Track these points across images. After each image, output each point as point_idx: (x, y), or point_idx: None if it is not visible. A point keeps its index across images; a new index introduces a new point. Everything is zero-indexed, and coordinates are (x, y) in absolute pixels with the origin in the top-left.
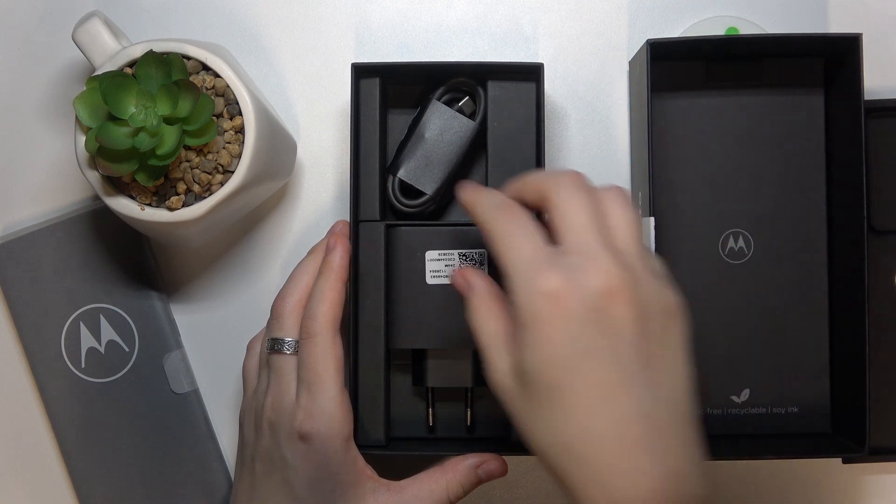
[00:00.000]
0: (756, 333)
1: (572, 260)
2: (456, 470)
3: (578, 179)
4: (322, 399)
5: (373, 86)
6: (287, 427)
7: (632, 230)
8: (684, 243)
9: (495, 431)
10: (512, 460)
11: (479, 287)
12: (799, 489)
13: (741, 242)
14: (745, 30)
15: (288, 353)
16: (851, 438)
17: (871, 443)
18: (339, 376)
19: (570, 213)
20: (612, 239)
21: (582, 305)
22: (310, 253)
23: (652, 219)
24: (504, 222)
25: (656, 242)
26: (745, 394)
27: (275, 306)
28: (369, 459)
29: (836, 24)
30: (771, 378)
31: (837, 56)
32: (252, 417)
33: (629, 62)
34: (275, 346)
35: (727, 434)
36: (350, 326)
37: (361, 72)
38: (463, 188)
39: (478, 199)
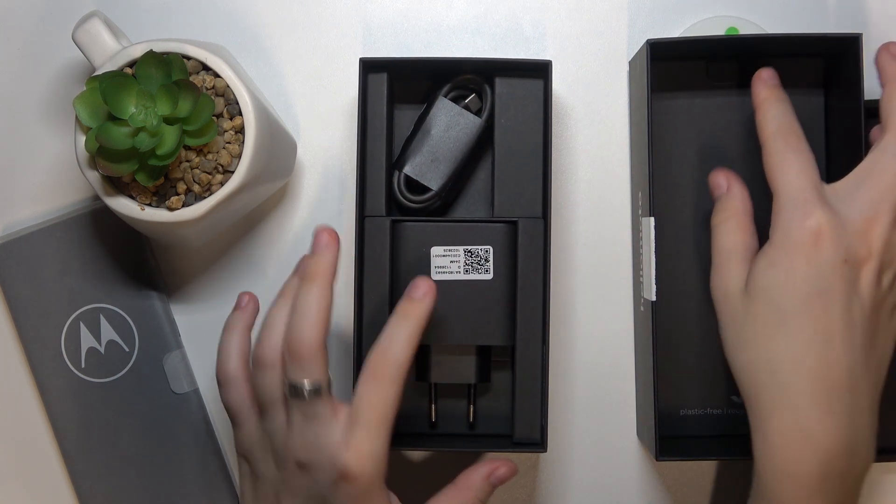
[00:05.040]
0: None
1: (844, 208)
2: (470, 486)
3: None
4: (366, 440)
5: (380, 81)
6: (328, 467)
7: None
8: (684, 243)
9: (497, 428)
10: (511, 459)
11: (737, 196)
12: None
13: None
14: (745, 30)
15: (318, 396)
16: None
17: (891, 443)
18: (385, 419)
19: (892, 171)
20: None
21: (836, 253)
22: (311, 280)
23: (652, 219)
24: (783, 149)
25: (656, 242)
26: None
27: (295, 345)
28: None
29: (836, 24)
30: None
31: (837, 56)
32: (266, 454)
33: (629, 62)
34: (299, 391)
35: (727, 434)
36: (354, 322)
37: (369, 67)
38: (762, 84)
39: (767, 113)
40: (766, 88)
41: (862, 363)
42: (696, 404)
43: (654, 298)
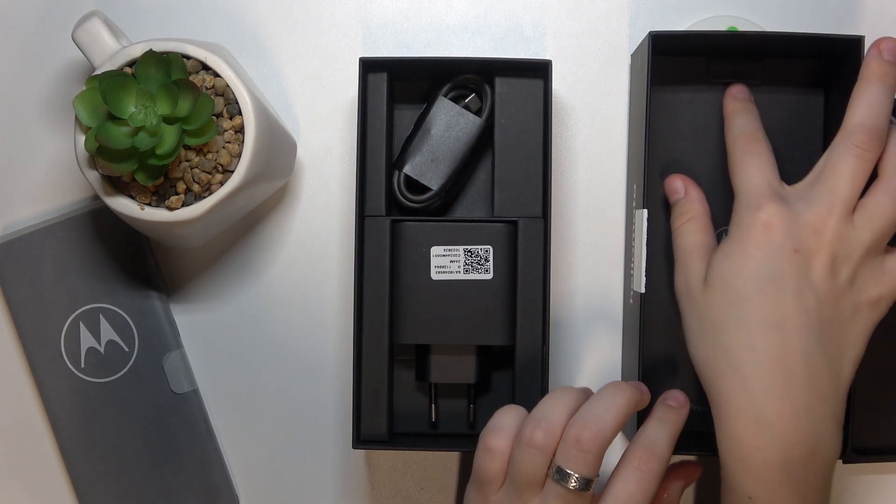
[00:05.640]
0: None
1: (800, 204)
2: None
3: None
4: None
5: (380, 81)
6: None
7: (884, 221)
8: None
9: None
10: None
11: (695, 199)
12: None
13: None
14: (745, 29)
15: (585, 490)
16: None
17: (867, 444)
18: None
19: (840, 167)
20: (861, 215)
21: (785, 242)
22: (631, 388)
23: (645, 211)
24: (743, 151)
25: (649, 235)
26: None
27: (587, 434)
28: (372, 455)
29: (836, 25)
30: None
31: (838, 57)
32: None
33: (631, 55)
34: (568, 479)
35: (710, 431)
36: (354, 321)
37: (369, 66)
38: (731, 97)
39: (732, 122)
40: (734, 101)
41: (818, 350)
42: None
43: (642, 290)
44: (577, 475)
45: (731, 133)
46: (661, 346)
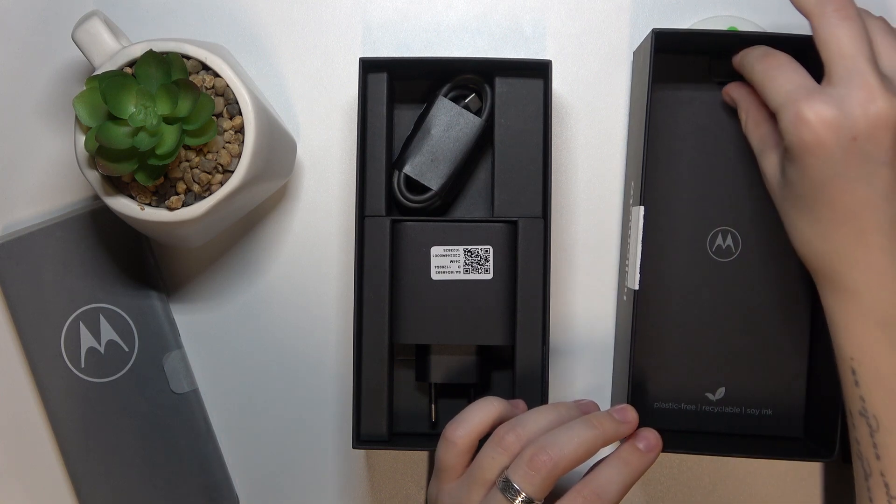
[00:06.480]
0: (736, 333)
1: (838, 91)
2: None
3: (845, 6)
4: None
5: (380, 81)
6: None
7: None
8: (673, 236)
9: None
10: None
11: (742, 98)
12: (802, 487)
13: (729, 241)
14: (746, 29)
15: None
16: (822, 444)
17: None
18: None
19: (836, 41)
20: (881, 67)
21: (844, 134)
22: (601, 429)
23: (642, 208)
24: (768, 66)
25: (646, 232)
26: (721, 392)
27: (543, 456)
28: (372, 455)
29: None
30: (747, 379)
31: None
32: None
33: (633, 52)
34: (513, 493)
35: (699, 430)
36: (354, 321)
37: (369, 66)
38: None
39: (744, 53)
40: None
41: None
42: (670, 398)
43: (636, 287)
44: (521, 490)
45: (747, 66)
46: (654, 343)
